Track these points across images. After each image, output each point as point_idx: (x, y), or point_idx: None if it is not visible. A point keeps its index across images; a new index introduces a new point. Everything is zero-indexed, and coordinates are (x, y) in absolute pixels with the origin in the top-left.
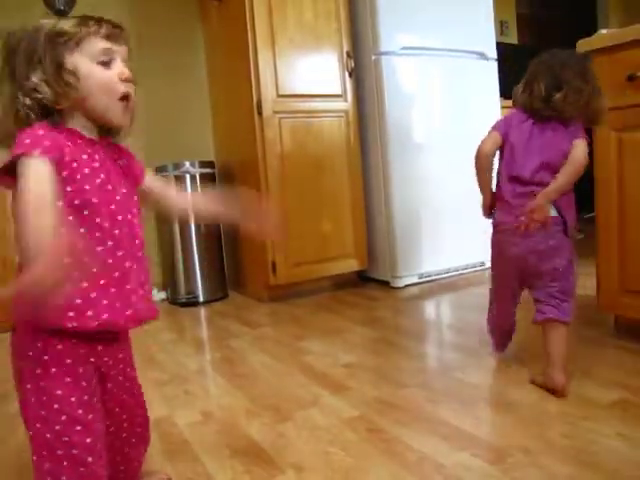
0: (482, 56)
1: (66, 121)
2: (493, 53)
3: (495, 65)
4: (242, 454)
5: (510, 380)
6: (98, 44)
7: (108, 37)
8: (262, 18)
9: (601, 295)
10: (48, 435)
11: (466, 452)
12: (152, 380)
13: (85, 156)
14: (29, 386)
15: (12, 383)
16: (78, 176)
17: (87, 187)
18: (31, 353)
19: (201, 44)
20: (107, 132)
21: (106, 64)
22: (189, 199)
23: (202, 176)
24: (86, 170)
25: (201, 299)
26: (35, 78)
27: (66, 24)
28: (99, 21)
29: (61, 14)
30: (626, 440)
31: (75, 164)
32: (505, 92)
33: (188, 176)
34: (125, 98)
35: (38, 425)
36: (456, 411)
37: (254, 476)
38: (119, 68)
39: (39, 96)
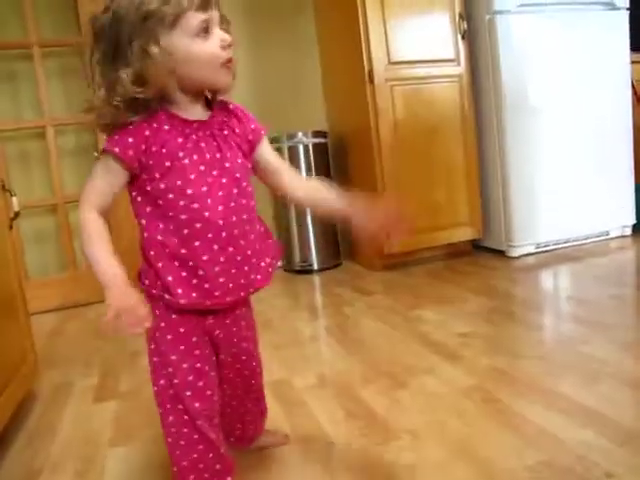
0: (610, 6)
1: (163, 105)
2: (624, 1)
3: (626, 15)
4: (357, 418)
5: None
6: (194, 18)
7: (201, 7)
8: None
9: None
10: (171, 391)
11: (590, 430)
12: (270, 344)
13: (181, 139)
14: (153, 346)
15: (143, 341)
16: (167, 163)
17: (176, 172)
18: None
19: (311, 13)
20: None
21: (205, 35)
22: (304, 191)
23: (315, 146)
24: (180, 154)
25: (315, 267)
26: (125, 66)
27: (155, 2)
28: None
29: None
30: None
31: (164, 150)
32: (636, 44)
33: (301, 146)
34: (228, 62)
35: (162, 382)
36: (578, 386)
37: (369, 439)
38: (219, 36)
39: (130, 86)
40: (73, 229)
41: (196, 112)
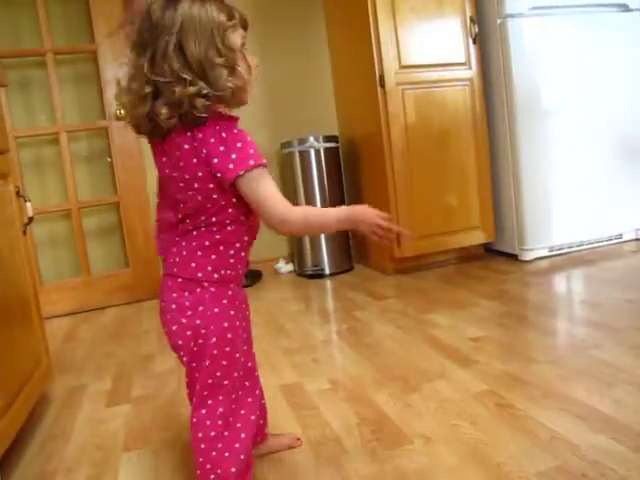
0: (623, 7)
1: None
2: (637, 3)
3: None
4: (370, 422)
5: None
6: (242, 33)
7: (244, 27)
8: None
9: None
10: (226, 382)
11: (604, 435)
12: (282, 348)
13: None
14: (214, 340)
15: (156, 345)
16: None
17: None
18: (217, 310)
19: (322, 18)
20: None
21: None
22: None
23: (326, 151)
24: None
25: (327, 271)
26: (222, 67)
27: (219, 14)
28: (237, 11)
29: None
30: None
31: None
32: None
33: (312, 151)
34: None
35: (219, 374)
36: (591, 390)
37: (382, 444)
38: (251, 57)
39: (230, 84)
40: (86, 234)
41: None
